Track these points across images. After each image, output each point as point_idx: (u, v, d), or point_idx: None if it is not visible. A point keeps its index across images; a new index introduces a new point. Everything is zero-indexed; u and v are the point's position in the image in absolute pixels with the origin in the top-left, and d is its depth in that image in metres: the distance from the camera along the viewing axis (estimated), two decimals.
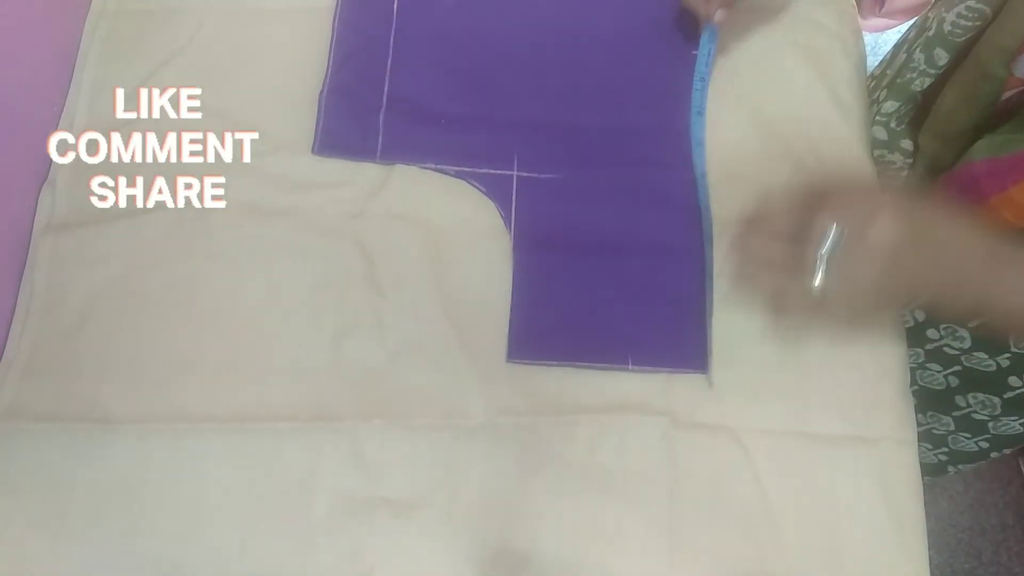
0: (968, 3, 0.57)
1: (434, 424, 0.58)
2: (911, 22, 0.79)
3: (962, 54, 0.59)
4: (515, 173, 0.66)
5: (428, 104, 0.67)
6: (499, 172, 0.66)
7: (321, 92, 0.67)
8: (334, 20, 0.69)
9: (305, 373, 0.59)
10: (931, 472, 0.79)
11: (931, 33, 0.65)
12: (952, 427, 0.73)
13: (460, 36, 0.70)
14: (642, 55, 0.70)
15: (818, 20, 0.73)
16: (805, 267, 0.46)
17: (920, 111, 0.67)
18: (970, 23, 0.57)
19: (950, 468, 0.79)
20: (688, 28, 0.69)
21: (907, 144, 0.67)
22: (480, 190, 0.65)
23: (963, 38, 0.58)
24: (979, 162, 0.56)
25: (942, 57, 0.61)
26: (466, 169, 0.66)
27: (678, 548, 0.56)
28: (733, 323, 0.62)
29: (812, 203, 0.47)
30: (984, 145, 0.57)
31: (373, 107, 0.67)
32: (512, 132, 0.67)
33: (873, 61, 0.78)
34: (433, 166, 0.65)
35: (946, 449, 0.76)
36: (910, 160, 0.68)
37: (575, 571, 0.56)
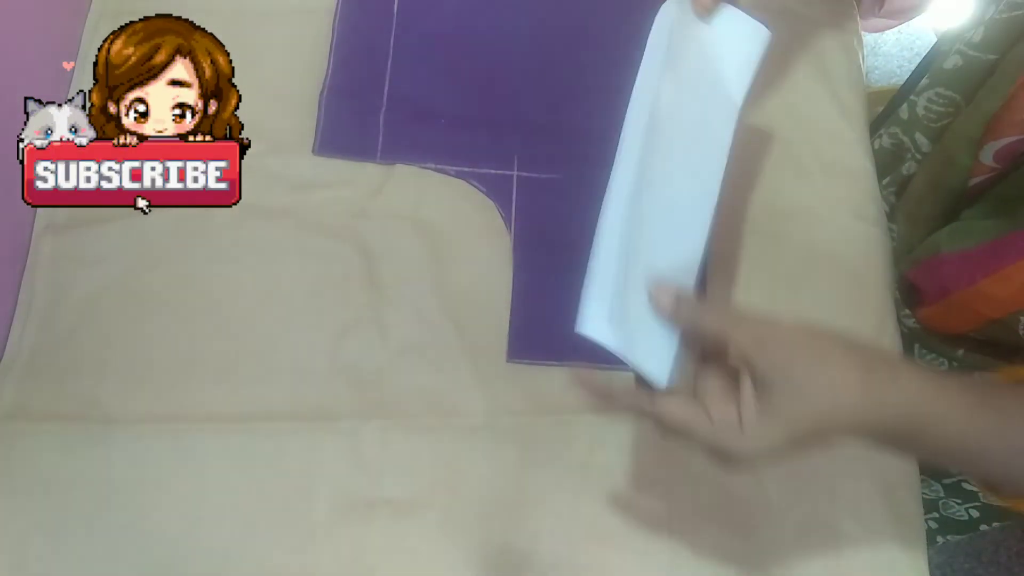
0: (937, 89, 0.57)
1: (434, 424, 0.58)
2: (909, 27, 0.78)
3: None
4: (515, 173, 0.66)
5: (428, 104, 0.67)
6: (499, 172, 0.66)
7: (321, 92, 0.67)
8: (334, 20, 0.69)
9: (305, 373, 0.59)
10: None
11: (905, 117, 0.65)
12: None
13: (460, 36, 0.70)
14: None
15: (818, 20, 0.73)
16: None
17: (900, 193, 0.68)
18: (942, 109, 0.57)
19: (939, 538, 0.76)
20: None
21: (892, 226, 0.68)
22: (480, 190, 0.65)
23: (938, 124, 0.58)
24: (947, 255, 0.56)
25: (924, 144, 0.61)
26: (466, 169, 0.66)
27: (678, 548, 0.56)
28: None
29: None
30: (950, 233, 0.57)
31: (373, 107, 0.67)
32: (512, 132, 0.67)
33: (873, 61, 0.77)
34: (433, 166, 0.65)
35: (936, 515, 0.74)
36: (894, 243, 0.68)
37: (575, 571, 0.56)
